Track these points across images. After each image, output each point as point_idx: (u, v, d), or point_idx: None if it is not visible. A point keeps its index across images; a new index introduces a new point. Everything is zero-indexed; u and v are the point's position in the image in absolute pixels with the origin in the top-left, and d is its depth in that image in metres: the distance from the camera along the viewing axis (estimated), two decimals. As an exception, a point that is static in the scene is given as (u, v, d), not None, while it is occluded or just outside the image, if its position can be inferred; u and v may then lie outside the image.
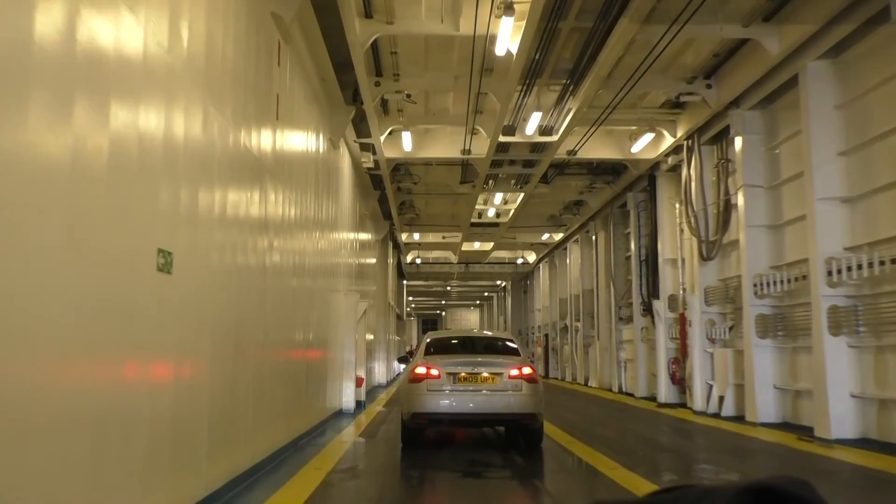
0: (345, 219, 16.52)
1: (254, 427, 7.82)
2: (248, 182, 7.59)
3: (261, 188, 8.15)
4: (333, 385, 14.64)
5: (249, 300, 7.70)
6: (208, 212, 6.18)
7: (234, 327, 7.04)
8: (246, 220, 7.60)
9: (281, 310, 9.48)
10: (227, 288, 6.81)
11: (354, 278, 18.42)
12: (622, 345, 23.07)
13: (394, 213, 24.59)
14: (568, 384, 29.48)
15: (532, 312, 42.34)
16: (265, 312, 8.44)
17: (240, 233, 7.34)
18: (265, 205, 8.39)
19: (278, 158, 9.21)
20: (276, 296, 9.11)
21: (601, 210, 24.45)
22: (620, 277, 23.39)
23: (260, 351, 8.24)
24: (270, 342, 8.69)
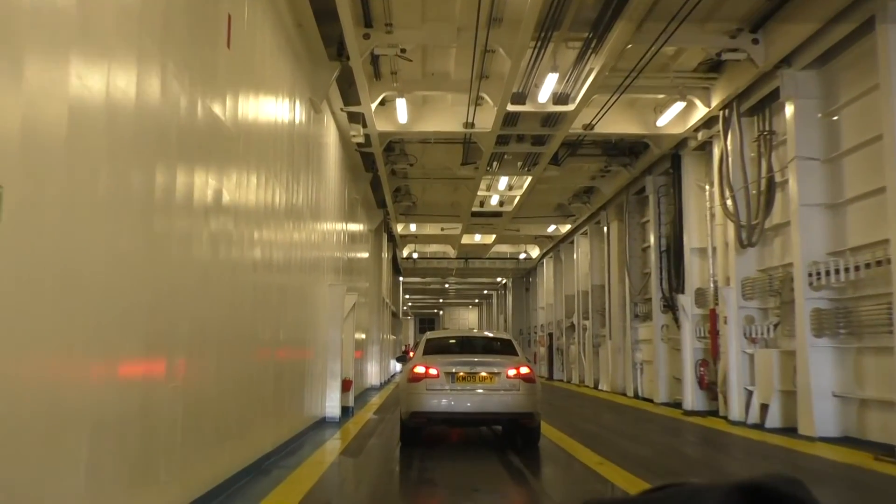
0: (330, 204, 14.44)
1: (189, 452, 5.75)
2: (161, 154, 5.42)
3: (194, 164, 6.06)
4: (314, 390, 12.57)
5: (179, 295, 5.62)
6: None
7: (152, 324, 4.97)
8: (183, 203, 5.55)
9: (240, 307, 7.44)
10: (146, 282, 4.76)
11: (343, 273, 16.39)
12: (638, 345, 21.01)
13: (388, 199, 22.50)
14: (575, 387, 27.42)
15: (534, 311, 40.27)
16: (212, 310, 6.38)
17: (172, 219, 5.32)
18: (209, 184, 6.30)
19: (236, 121, 7.14)
20: (230, 291, 7.06)
21: (615, 198, 22.38)
22: (636, 271, 21.33)
23: (201, 355, 6.17)
24: (217, 343, 6.62)
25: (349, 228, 18.14)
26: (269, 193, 8.85)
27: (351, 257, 18.65)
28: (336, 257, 15.33)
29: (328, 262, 14.23)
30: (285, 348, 10.04)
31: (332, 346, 13.82)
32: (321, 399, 13.37)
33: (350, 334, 16.05)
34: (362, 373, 22.66)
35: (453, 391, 9.87)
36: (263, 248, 8.52)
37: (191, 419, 5.81)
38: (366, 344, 23.79)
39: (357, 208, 20.08)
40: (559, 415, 16.08)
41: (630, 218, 21.49)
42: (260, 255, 8.36)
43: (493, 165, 19.29)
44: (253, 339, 8.20)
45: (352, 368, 15.91)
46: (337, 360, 13.83)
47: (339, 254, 15.94)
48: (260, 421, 8.42)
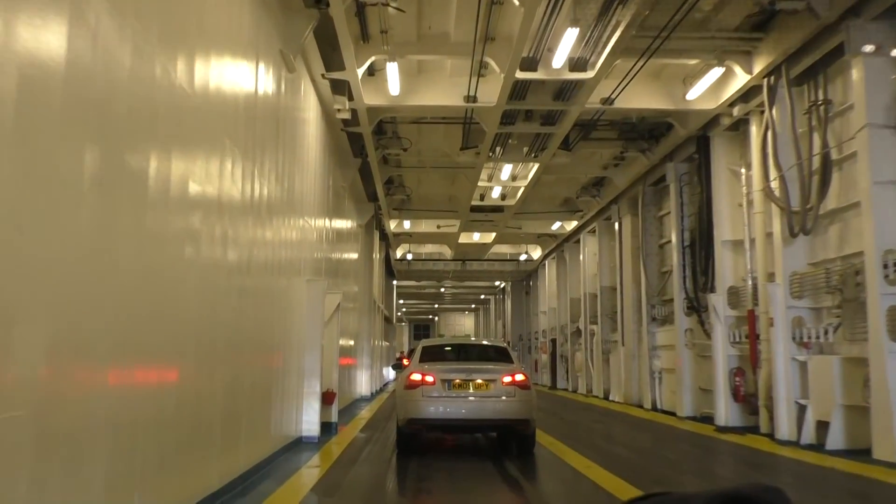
0: (310, 192, 12.40)
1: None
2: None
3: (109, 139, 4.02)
4: (286, 405, 10.49)
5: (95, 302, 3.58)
6: None
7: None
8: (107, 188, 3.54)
9: (175, 311, 5.40)
10: None
11: (327, 276, 14.40)
12: (656, 351, 18.97)
13: (379, 192, 20.45)
14: (582, 397, 25.35)
15: (535, 316, 38.21)
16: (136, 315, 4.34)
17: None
18: (141, 166, 4.28)
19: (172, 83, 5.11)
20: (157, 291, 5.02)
21: (628, 190, 20.37)
22: (653, 270, 19.32)
23: (125, 368, 4.13)
24: (134, 353, 4.56)
25: (334, 224, 16.10)
26: (224, 179, 6.83)
27: (337, 258, 16.61)
28: (317, 258, 13.27)
29: (308, 263, 12.19)
30: (245, 357, 7.98)
31: (311, 354, 11.75)
32: (296, 415, 11.30)
33: (333, 339, 14.00)
34: (350, 382, 20.59)
35: (449, 398, 9.95)
36: (212, 243, 6.48)
37: (65, 464, 3.76)
38: (355, 351, 21.72)
39: (344, 200, 18.02)
40: (576, 433, 14.02)
41: (646, 211, 19.48)
42: (206, 252, 6.32)
43: (495, 151, 17.28)
44: (195, 349, 6.15)
45: (335, 378, 13.86)
46: (316, 370, 11.76)
47: (321, 254, 13.89)
48: (201, 452, 6.35)
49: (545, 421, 15.86)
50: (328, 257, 15.08)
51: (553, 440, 12.02)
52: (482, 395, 9.94)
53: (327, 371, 13.73)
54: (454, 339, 24.96)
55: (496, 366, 10.53)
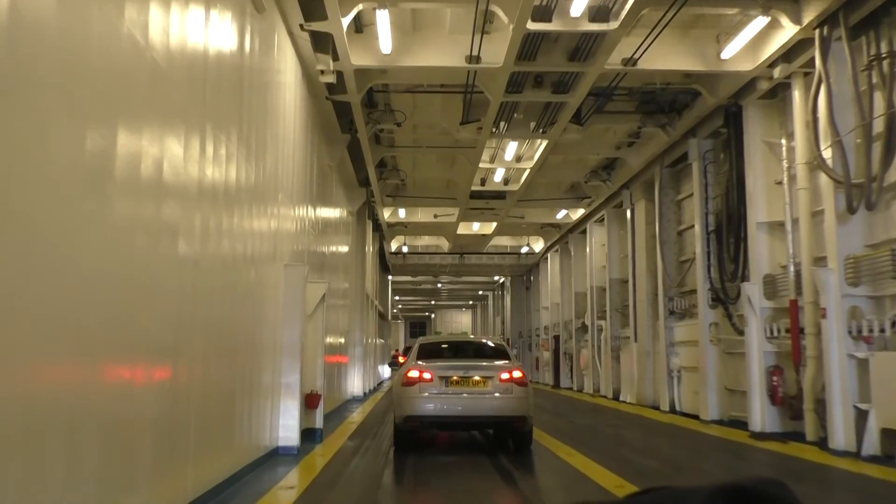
0: (288, 172, 10.73)
1: None
2: None
3: None
4: (258, 410, 8.81)
5: None
6: None
7: None
8: None
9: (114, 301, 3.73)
10: None
11: (313, 270, 12.78)
12: (674, 348, 17.31)
13: (371, 175, 18.75)
14: (588, 397, 23.69)
15: (536, 312, 36.55)
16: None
17: None
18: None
19: None
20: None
21: (642, 172, 18.71)
22: (671, 259, 17.65)
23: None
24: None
25: (320, 211, 14.44)
26: (169, 157, 5.17)
27: (324, 249, 14.95)
28: (298, 250, 11.56)
29: (286, 255, 10.50)
30: (195, 354, 6.30)
31: (289, 351, 10.06)
32: (271, 422, 9.61)
33: (318, 335, 12.32)
34: (341, 382, 18.91)
35: (447, 395, 9.96)
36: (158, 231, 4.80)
37: None
38: (346, 348, 20.04)
39: (332, 182, 16.32)
40: (594, 440, 12.34)
41: (663, 195, 17.80)
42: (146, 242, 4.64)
43: (499, 126, 15.60)
44: (132, 346, 4.48)
45: (321, 378, 12.18)
46: (295, 369, 10.06)
47: (303, 244, 12.22)
48: (122, 474, 4.66)
49: (555, 425, 14.21)
50: (313, 249, 13.44)
51: (570, 450, 10.35)
52: (480, 392, 9.93)
53: (310, 370, 12.09)
54: (452, 337, 24.47)
55: (493, 363, 10.55)
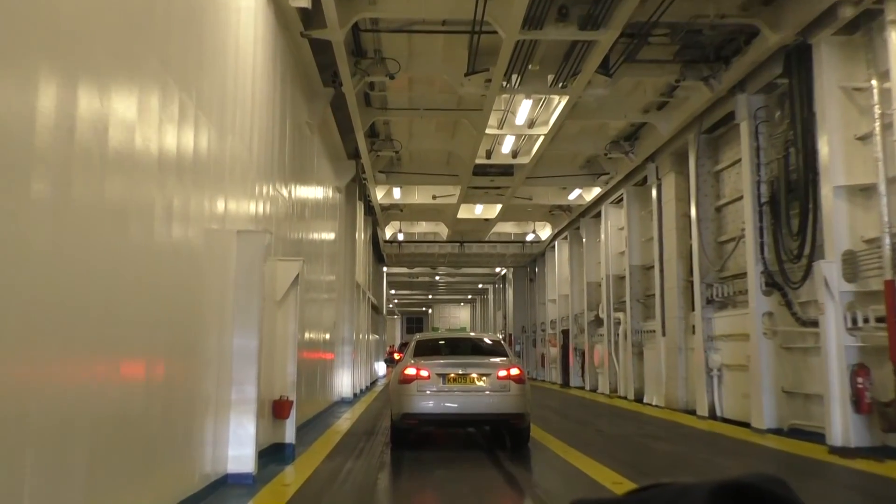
0: (245, 131, 8.24)
1: None
2: None
3: None
4: (193, 425, 6.34)
5: None
6: None
7: None
8: None
9: None
10: None
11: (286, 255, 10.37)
12: (714, 343, 14.85)
13: (361, 144, 16.24)
14: (605, 398, 21.23)
15: (542, 305, 34.08)
16: None
17: None
18: None
19: None
20: None
21: (673, 141, 16.23)
22: (709, 239, 15.18)
23: None
24: None
25: (298, 188, 12.01)
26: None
27: (304, 236, 12.51)
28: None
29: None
30: (77, 353, 3.83)
31: (243, 350, 7.54)
32: (216, 441, 7.11)
33: (290, 326, 9.86)
34: (326, 383, 16.43)
35: (444, 392, 9.86)
36: None
37: None
38: (333, 344, 17.58)
39: (312, 151, 13.82)
40: (634, 458, 9.83)
41: (699, 166, 15.32)
42: None
43: (511, 80, 13.09)
44: None
45: (292, 379, 9.72)
46: (250, 373, 7.55)
47: (274, 225, 9.78)
48: None
49: (581, 436, 11.77)
50: (289, 235, 11.02)
51: (617, 476, 7.87)
52: (477, 390, 9.84)
53: (279, 371, 9.65)
54: (449, 333, 24.12)
55: (491, 360, 10.45)
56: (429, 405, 9.88)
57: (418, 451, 10.23)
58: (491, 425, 10.91)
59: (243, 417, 7.47)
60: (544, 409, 18.25)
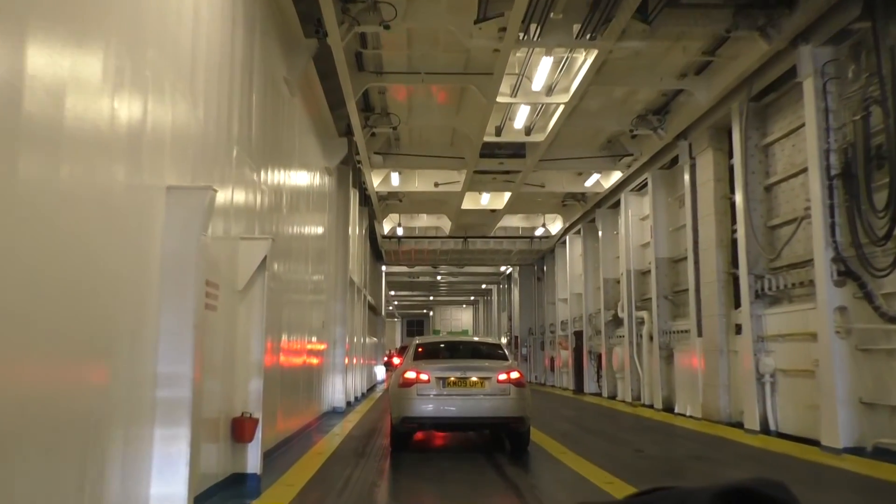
0: (187, 89, 6.18)
1: None
2: None
3: None
4: (88, 461, 4.16)
5: None
6: None
7: None
8: None
9: None
10: None
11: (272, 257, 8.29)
12: (765, 344, 12.68)
13: (354, 117, 14.11)
14: (626, 407, 19.06)
15: (551, 305, 31.89)
16: None
17: None
18: None
19: None
20: None
21: (712, 111, 14.09)
22: (758, 223, 13.03)
23: None
24: None
25: (276, 166, 9.91)
26: None
27: (283, 230, 10.42)
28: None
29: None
30: None
31: (174, 346, 5.37)
32: (126, 478, 4.93)
33: (255, 325, 7.74)
34: (314, 391, 14.29)
35: (444, 396, 9.79)
36: None
37: None
38: (323, 348, 15.46)
39: (295, 123, 11.70)
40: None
41: (746, 140, 13.16)
42: None
43: (530, 30, 10.97)
44: None
45: (256, 393, 7.59)
46: (183, 384, 5.35)
47: (237, 220, 7.65)
48: None
49: (620, 459, 9.60)
50: (264, 227, 8.93)
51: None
52: (477, 393, 9.81)
53: (241, 379, 7.53)
54: (449, 337, 23.91)
55: (491, 363, 10.37)
56: (429, 409, 9.83)
57: (419, 472, 8.08)
58: (491, 429, 10.75)
59: (172, 442, 5.30)
60: (562, 420, 16.09)
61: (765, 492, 0.78)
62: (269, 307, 9.02)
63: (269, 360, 9.32)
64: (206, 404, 6.11)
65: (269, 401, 9.31)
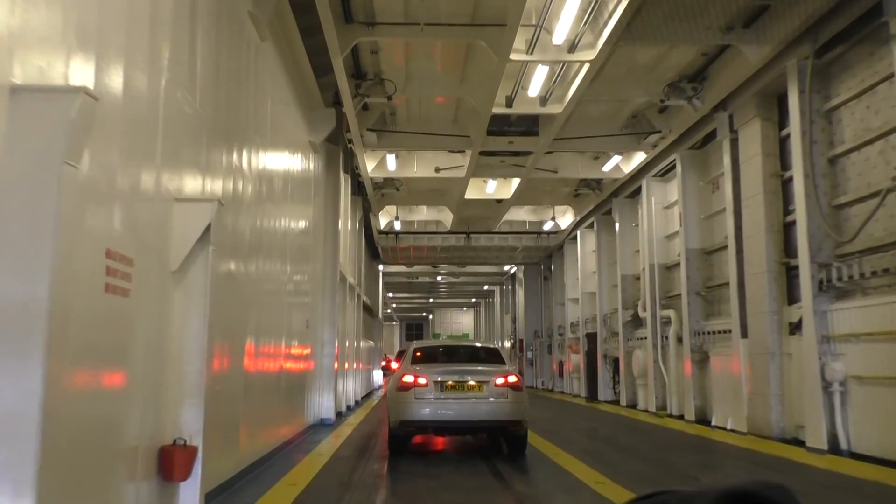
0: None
1: None
2: None
3: None
4: None
5: None
6: None
7: None
8: None
9: None
10: None
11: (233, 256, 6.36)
12: (833, 345, 10.59)
13: (341, 79, 12.04)
14: (651, 417, 16.96)
15: (559, 306, 29.78)
16: None
17: None
18: None
19: None
20: None
21: (764, 71, 12.04)
22: (825, 202, 10.96)
23: None
24: None
25: (240, 137, 7.92)
26: None
27: (253, 223, 8.45)
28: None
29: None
30: None
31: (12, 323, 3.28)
32: None
33: (193, 314, 5.67)
34: (294, 403, 12.21)
35: (442, 400, 9.85)
36: None
37: None
38: (307, 352, 13.41)
39: (267, 82, 9.64)
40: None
41: (809, 103, 11.08)
42: None
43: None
44: None
45: (195, 413, 5.51)
46: (25, 405, 3.26)
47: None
48: None
49: (654, 479, 7.45)
50: (223, 222, 6.91)
51: None
52: (475, 397, 9.84)
53: (173, 394, 5.44)
54: (447, 341, 23.54)
55: (488, 367, 10.43)
56: (426, 412, 9.84)
57: None
58: (488, 432, 10.84)
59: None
60: (583, 434, 14.03)
61: (767, 495, 0.78)
62: (227, 298, 6.96)
63: (228, 364, 7.26)
64: (104, 429, 4.06)
65: (227, 417, 7.24)
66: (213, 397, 6.05)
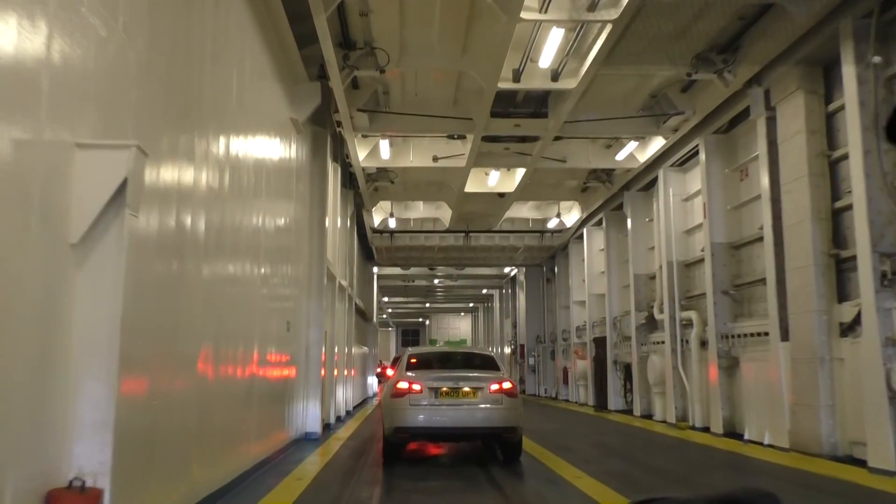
0: None
1: None
2: None
3: None
4: None
5: None
6: None
7: None
8: None
9: None
10: None
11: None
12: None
13: (325, 44, 10.49)
14: (670, 429, 15.39)
15: (564, 309, 28.20)
16: None
17: None
18: None
19: None
20: None
21: (808, 38, 10.54)
22: (888, 182, 9.43)
23: None
24: None
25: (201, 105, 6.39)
26: None
27: (217, 219, 6.93)
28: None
29: None
30: None
31: None
32: None
33: (106, 310, 4.05)
34: (274, 416, 10.62)
35: (437, 406, 9.79)
36: None
37: None
38: (290, 359, 11.84)
39: (228, 30, 8.12)
40: None
41: (873, 68, 9.54)
42: None
43: None
44: None
45: (105, 441, 3.90)
46: None
47: None
48: None
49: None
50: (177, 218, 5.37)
51: None
52: (470, 403, 9.77)
53: (70, 418, 3.77)
54: (442, 347, 23.45)
55: (483, 373, 10.37)
56: (421, 419, 9.77)
57: None
58: (483, 439, 10.61)
59: None
60: (600, 450, 12.46)
61: (755, 501, 0.80)
62: (170, 296, 5.39)
63: (172, 373, 5.69)
64: None
65: (169, 439, 5.66)
66: (146, 414, 4.49)
